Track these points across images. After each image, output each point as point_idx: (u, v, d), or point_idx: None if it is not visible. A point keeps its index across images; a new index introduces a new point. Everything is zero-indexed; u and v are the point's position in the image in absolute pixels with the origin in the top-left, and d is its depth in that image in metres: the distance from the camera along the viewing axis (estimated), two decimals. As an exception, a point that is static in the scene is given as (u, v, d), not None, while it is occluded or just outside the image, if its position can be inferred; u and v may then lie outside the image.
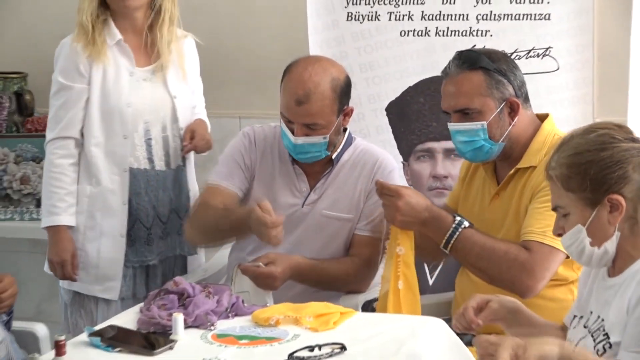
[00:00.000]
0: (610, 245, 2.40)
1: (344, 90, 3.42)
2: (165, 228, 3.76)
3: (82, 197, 3.70)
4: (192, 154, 3.88)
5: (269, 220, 3.14)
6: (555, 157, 2.45)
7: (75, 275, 3.65)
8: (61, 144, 3.68)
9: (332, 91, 3.36)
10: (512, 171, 3.16)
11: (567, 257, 2.98)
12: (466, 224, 3.06)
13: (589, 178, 2.37)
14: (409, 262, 3.17)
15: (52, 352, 2.70)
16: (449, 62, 3.19)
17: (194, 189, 3.88)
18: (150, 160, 3.72)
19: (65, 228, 3.64)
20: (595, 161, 2.37)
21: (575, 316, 2.59)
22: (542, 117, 3.23)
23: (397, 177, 3.59)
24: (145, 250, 3.72)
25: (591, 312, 2.48)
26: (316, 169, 3.53)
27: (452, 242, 3.05)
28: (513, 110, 3.13)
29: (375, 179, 3.30)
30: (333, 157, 3.49)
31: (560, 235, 2.50)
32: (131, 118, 3.64)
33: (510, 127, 3.13)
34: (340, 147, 3.52)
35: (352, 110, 3.50)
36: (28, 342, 3.12)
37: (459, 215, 3.10)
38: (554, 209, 2.50)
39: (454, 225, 3.05)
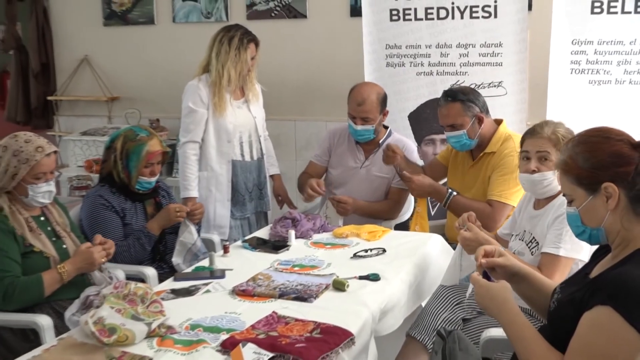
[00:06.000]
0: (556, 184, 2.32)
1: (383, 100, 3.40)
2: (250, 195, 3.55)
3: (202, 179, 3.43)
4: (267, 150, 3.66)
5: (307, 189, 3.26)
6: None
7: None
8: (192, 146, 3.39)
9: (377, 99, 3.36)
10: (481, 154, 3.11)
11: (513, 207, 2.93)
12: (455, 193, 3.04)
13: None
14: (423, 215, 3.24)
15: (222, 251, 2.74)
16: (440, 97, 3.15)
17: (270, 172, 3.67)
18: (242, 155, 3.50)
19: (194, 198, 3.39)
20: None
21: (512, 234, 2.52)
22: (498, 122, 3.17)
23: (415, 154, 3.54)
24: (242, 208, 3.54)
25: (525, 231, 2.43)
26: (370, 147, 3.49)
27: (447, 203, 3.03)
28: (480, 121, 3.07)
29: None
30: (380, 141, 3.45)
31: (534, 172, 2.37)
32: (232, 131, 3.45)
33: (480, 130, 3.07)
34: (384, 136, 3.49)
35: (387, 112, 3.47)
36: (207, 245, 3.14)
37: (450, 188, 3.08)
38: (542, 157, 2.36)
39: (447, 195, 3.03)
